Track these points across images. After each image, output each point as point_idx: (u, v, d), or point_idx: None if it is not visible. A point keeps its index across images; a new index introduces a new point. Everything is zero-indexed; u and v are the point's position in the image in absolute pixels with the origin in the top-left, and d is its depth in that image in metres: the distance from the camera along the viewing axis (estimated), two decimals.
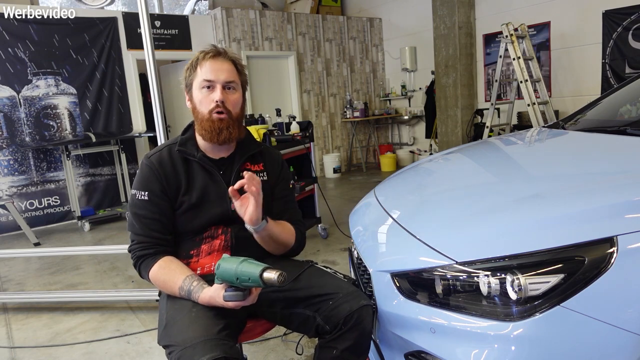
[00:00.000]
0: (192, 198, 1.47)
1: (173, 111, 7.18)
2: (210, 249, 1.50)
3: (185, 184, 1.48)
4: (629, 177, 1.29)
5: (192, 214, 1.48)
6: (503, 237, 1.18)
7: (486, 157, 2.12)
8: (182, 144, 1.52)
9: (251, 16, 7.04)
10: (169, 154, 1.51)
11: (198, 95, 1.45)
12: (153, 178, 1.47)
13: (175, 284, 1.38)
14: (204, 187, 1.49)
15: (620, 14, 5.15)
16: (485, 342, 1.07)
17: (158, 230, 1.46)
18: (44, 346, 2.62)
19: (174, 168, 1.49)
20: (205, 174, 1.50)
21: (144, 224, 1.45)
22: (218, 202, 1.49)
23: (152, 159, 1.50)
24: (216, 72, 1.43)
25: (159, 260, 1.43)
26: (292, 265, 1.54)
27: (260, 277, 1.19)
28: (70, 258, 4.28)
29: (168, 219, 1.47)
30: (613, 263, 1.00)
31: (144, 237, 1.45)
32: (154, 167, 1.48)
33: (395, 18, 8.05)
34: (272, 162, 1.63)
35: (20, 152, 5.47)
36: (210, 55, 1.44)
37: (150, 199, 1.45)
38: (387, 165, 7.85)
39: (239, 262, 1.23)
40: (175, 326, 1.30)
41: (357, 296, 1.34)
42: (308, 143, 4.15)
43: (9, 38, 5.28)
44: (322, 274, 1.49)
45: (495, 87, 5.65)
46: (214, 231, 1.50)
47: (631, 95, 2.33)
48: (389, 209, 1.64)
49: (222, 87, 1.44)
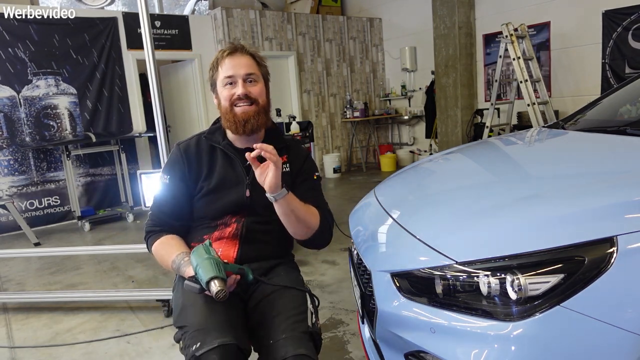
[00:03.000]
0: (211, 184, 1.52)
1: (173, 111, 7.19)
2: (220, 235, 1.53)
3: (206, 170, 1.54)
4: (629, 177, 1.29)
5: (209, 199, 1.52)
6: (503, 237, 1.18)
7: (486, 157, 2.12)
8: (210, 132, 1.59)
9: (251, 16, 7.04)
10: (197, 142, 1.58)
11: (222, 92, 1.50)
12: (175, 164, 1.55)
13: (170, 257, 1.44)
14: (223, 173, 1.53)
15: (620, 14, 5.15)
16: (485, 342, 1.07)
17: (167, 214, 1.54)
18: (44, 346, 2.62)
19: (199, 155, 1.55)
20: (227, 161, 1.55)
21: (158, 205, 1.55)
22: (234, 189, 1.52)
23: (180, 146, 1.58)
24: (235, 67, 1.47)
25: (162, 237, 1.51)
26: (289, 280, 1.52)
27: (206, 283, 1.21)
28: (70, 258, 4.28)
29: (181, 206, 1.54)
30: (613, 263, 1.00)
31: (155, 216, 1.55)
32: (179, 153, 1.56)
33: (395, 18, 8.05)
34: (296, 155, 1.63)
35: (20, 152, 5.47)
36: (228, 52, 1.49)
37: (169, 183, 1.54)
38: (387, 165, 7.85)
39: (204, 258, 1.25)
40: (192, 309, 1.36)
41: (298, 344, 1.30)
42: (308, 143, 4.16)
43: (9, 38, 5.28)
44: (291, 306, 1.42)
45: (495, 87, 5.65)
46: (229, 219, 1.53)
47: (631, 95, 2.33)
48: (389, 209, 1.64)
49: (243, 80, 1.48)
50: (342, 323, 2.63)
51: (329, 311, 2.78)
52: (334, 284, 3.20)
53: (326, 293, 3.06)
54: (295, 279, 1.57)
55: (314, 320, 1.43)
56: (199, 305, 1.35)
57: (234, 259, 1.51)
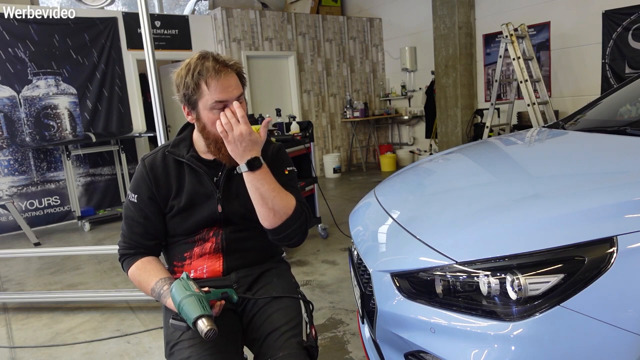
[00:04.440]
0: (181, 202, 1.44)
1: (173, 111, 7.18)
2: (201, 252, 1.48)
3: (175, 188, 1.45)
4: (629, 177, 1.29)
5: (181, 217, 1.45)
6: (503, 237, 1.18)
7: (486, 157, 2.12)
8: (174, 145, 1.48)
9: (251, 16, 7.04)
10: (163, 156, 1.47)
11: (208, 115, 1.35)
12: (142, 183, 1.45)
13: (149, 285, 1.37)
14: (192, 190, 1.45)
15: (620, 14, 5.15)
16: (485, 342, 1.07)
17: (140, 234, 1.45)
18: (44, 346, 2.62)
19: (166, 172, 1.46)
20: (194, 176, 1.46)
21: (129, 226, 1.46)
22: (206, 204, 1.45)
23: (145, 162, 1.48)
24: (226, 90, 1.32)
25: (137, 261, 1.43)
26: (280, 287, 1.49)
27: (193, 323, 1.16)
28: (70, 258, 4.28)
29: (153, 225, 1.45)
30: (613, 263, 1.00)
31: (127, 238, 1.46)
32: (145, 171, 1.46)
33: (395, 18, 8.05)
34: (265, 158, 1.49)
35: (20, 152, 5.48)
36: (214, 71, 1.31)
37: (138, 202, 1.45)
38: (387, 165, 7.86)
39: (185, 296, 1.19)
40: (176, 346, 1.31)
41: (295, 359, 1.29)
42: (308, 143, 4.15)
43: (9, 38, 5.28)
44: (285, 320, 1.38)
45: (495, 87, 5.65)
46: (206, 233, 1.47)
47: (631, 95, 2.33)
48: (389, 209, 1.64)
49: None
50: (342, 323, 2.63)
51: (329, 311, 2.78)
52: (334, 284, 3.20)
53: (326, 293, 3.06)
54: (288, 284, 1.53)
55: (309, 331, 1.40)
56: (183, 341, 1.30)
57: (220, 272, 1.47)
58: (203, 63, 1.32)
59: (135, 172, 1.49)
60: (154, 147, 1.60)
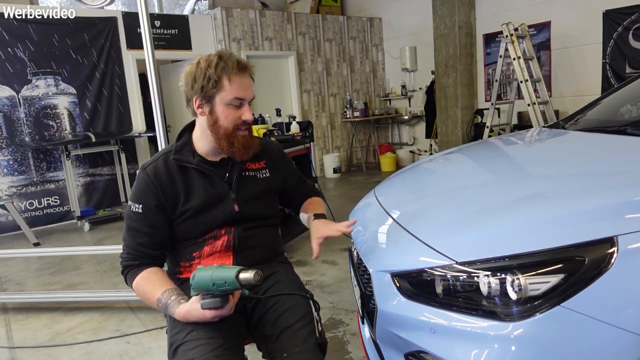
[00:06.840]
0: (193, 207, 1.43)
1: (173, 111, 7.18)
2: (212, 250, 1.48)
3: (184, 194, 1.44)
4: (629, 177, 1.28)
5: (194, 221, 1.44)
6: (503, 237, 1.18)
7: (486, 157, 2.11)
8: (177, 151, 1.46)
9: (251, 16, 7.04)
10: (165, 163, 1.45)
11: (224, 111, 1.39)
12: (148, 191, 1.42)
13: (154, 296, 1.35)
14: (204, 193, 1.45)
15: (620, 14, 5.15)
16: (485, 342, 1.07)
17: (146, 245, 1.42)
18: (44, 346, 2.62)
19: (171, 178, 1.44)
20: (205, 180, 1.46)
21: (134, 237, 1.43)
22: (220, 206, 1.46)
23: (147, 170, 1.44)
24: (246, 89, 1.40)
25: (142, 272, 1.41)
26: (291, 285, 1.51)
27: (236, 278, 1.17)
28: (70, 258, 4.28)
29: (160, 234, 1.44)
30: (613, 263, 1.00)
31: (132, 249, 1.43)
32: (149, 180, 1.42)
33: (395, 18, 8.05)
34: (272, 156, 1.62)
35: (20, 152, 5.48)
36: (238, 68, 1.38)
37: (143, 212, 1.41)
38: (387, 165, 7.85)
39: (214, 269, 1.21)
40: (180, 347, 1.30)
41: (311, 358, 1.31)
42: (308, 143, 4.15)
43: (8, 38, 5.28)
44: (298, 317, 1.40)
45: (495, 87, 5.65)
46: (217, 232, 1.47)
47: (631, 95, 2.33)
48: (389, 209, 1.64)
49: (248, 104, 1.44)
50: (342, 323, 2.63)
51: (329, 311, 2.78)
52: (334, 284, 3.20)
53: (326, 293, 3.06)
54: (297, 283, 1.55)
55: (320, 328, 1.42)
56: (186, 343, 1.29)
57: None
58: (226, 60, 1.38)
59: (137, 182, 1.45)
60: (154, 147, 1.61)
